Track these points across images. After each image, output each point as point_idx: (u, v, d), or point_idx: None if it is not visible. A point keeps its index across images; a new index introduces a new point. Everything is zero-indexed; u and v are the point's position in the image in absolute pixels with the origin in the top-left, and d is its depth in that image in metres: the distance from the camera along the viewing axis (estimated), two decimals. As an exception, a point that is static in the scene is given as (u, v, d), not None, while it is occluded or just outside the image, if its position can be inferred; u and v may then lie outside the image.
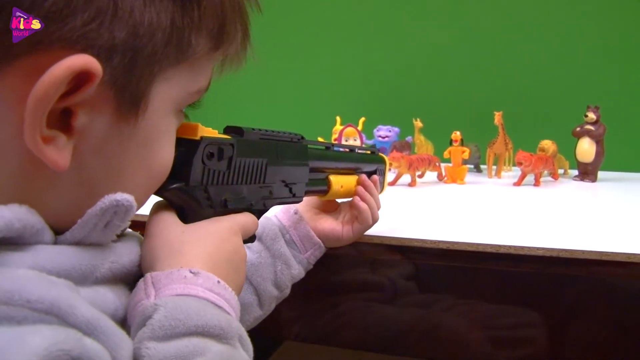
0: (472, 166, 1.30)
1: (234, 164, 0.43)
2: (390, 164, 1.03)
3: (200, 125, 0.41)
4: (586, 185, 1.15)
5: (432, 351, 0.73)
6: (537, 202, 0.94)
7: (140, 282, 0.36)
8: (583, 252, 0.61)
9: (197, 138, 0.40)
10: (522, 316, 0.70)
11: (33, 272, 0.30)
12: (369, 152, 0.67)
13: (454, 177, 1.13)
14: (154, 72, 0.34)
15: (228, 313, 0.37)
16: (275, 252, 0.58)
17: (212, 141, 0.41)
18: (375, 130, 1.30)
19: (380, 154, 0.68)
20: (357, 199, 0.61)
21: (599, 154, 1.15)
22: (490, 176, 1.21)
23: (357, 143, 1.05)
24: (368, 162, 0.65)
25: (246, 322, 0.58)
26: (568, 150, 1.20)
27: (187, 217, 0.41)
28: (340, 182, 0.60)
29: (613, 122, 1.17)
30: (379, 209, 0.64)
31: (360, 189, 0.62)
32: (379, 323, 0.73)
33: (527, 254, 0.62)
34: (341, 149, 0.63)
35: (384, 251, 0.66)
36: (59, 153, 0.31)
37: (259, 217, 0.48)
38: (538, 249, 0.62)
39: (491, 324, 0.70)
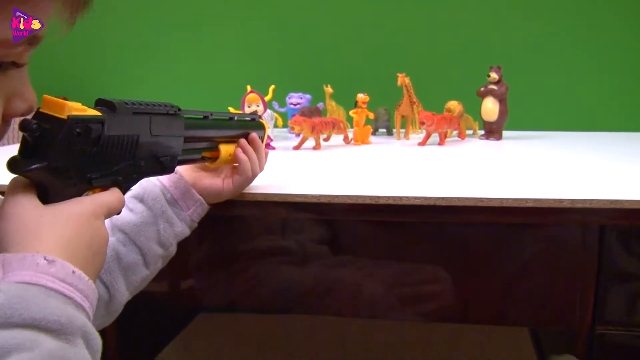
0: (384, 130, 1.31)
1: (102, 142, 0.42)
2: (293, 128, 1.03)
3: (67, 103, 0.39)
4: (491, 143, 1.18)
5: (335, 308, 0.74)
6: (436, 159, 0.96)
7: None
8: (459, 199, 0.62)
9: (64, 117, 0.38)
10: (424, 272, 0.72)
11: None
12: (248, 119, 0.67)
13: (360, 138, 1.14)
14: None
15: (80, 305, 0.36)
16: (157, 211, 0.59)
17: (79, 119, 0.39)
18: (287, 98, 1.29)
19: (260, 120, 0.68)
20: (238, 150, 0.62)
21: (502, 112, 1.18)
22: (398, 138, 1.22)
23: (260, 109, 1.04)
24: (247, 129, 0.65)
25: (134, 283, 0.59)
26: (477, 112, 1.22)
27: (48, 194, 0.40)
28: (229, 150, 0.62)
29: (516, 81, 1.20)
30: (262, 166, 0.66)
31: (243, 141, 0.63)
32: (286, 285, 0.73)
33: (405, 203, 0.63)
34: (220, 117, 0.62)
35: (287, 210, 0.67)
36: None
37: (125, 191, 0.47)
38: (416, 198, 0.63)
39: (398, 280, 0.71)
